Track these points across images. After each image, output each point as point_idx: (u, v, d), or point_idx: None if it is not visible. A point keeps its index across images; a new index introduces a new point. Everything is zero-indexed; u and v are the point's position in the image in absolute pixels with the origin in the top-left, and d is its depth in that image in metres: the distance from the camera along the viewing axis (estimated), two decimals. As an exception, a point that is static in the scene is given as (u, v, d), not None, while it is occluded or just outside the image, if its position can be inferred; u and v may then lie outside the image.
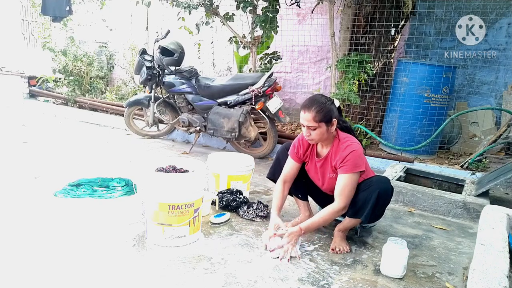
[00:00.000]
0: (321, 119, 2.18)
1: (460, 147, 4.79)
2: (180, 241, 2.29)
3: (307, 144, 2.42)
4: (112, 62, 7.96)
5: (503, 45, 4.84)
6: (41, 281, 1.91)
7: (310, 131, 2.22)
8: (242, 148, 4.60)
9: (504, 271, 1.59)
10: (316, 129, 2.20)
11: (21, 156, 4.07)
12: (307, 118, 2.19)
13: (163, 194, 2.22)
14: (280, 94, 5.81)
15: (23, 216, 2.61)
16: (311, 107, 2.19)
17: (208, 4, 4.93)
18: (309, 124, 2.20)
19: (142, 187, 2.34)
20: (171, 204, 2.21)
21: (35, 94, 7.57)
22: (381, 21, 4.67)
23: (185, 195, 2.24)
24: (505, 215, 2.16)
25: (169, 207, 2.21)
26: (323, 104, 2.20)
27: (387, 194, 2.28)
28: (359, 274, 2.13)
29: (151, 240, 2.31)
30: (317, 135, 2.23)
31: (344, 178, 2.21)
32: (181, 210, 2.23)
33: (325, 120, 2.19)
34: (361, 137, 4.82)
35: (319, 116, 2.17)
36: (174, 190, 2.22)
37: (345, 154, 2.21)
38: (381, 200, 2.24)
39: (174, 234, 2.26)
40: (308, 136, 2.26)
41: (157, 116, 4.95)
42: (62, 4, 6.81)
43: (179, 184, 2.23)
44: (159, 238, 2.28)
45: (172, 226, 2.25)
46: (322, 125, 2.19)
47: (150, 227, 2.30)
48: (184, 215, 2.25)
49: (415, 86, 4.41)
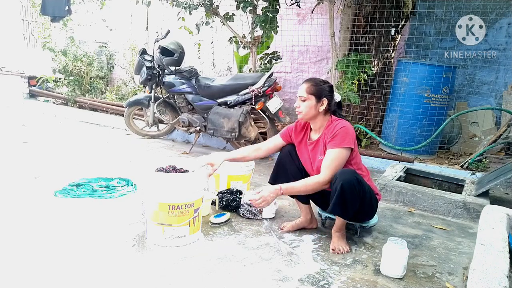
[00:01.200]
0: (312, 92, 2.34)
1: (460, 147, 4.79)
2: (180, 241, 2.29)
3: (301, 126, 2.54)
4: (112, 62, 7.96)
5: (503, 45, 4.84)
6: (42, 281, 1.91)
7: (300, 102, 2.38)
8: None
9: (504, 271, 1.59)
10: (305, 100, 2.35)
11: (21, 156, 4.07)
12: (302, 88, 2.39)
13: (163, 194, 2.22)
14: (280, 94, 5.80)
15: (23, 216, 2.61)
16: (309, 80, 2.41)
17: (208, 4, 4.93)
18: (301, 94, 2.37)
19: (142, 187, 2.35)
20: (171, 204, 2.21)
21: (35, 94, 7.57)
22: (381, 21, 4.67)
23: (185, 195, 2.24)
24: (505, 215, 2.16)
25: (169, 207, 2.21)
26: (320, 82, 2.40)
27: (351, 185, 2.20)
28: (359, 274, 2.13)
29: (151, 240, 2.31)
30: (305, 107, 2.36)
31: (332, 152, 2.27)
32: (181, 210, 2.23)
33: (316, 95, 2.34)
34: (361, 137, 4.82)
35: (311, 90, 2.35)
36: (174, 190, 2.22)
37: (335, 130, 2.30)
38: (347, 192, 2.19)
39: (174, 234, 2.26)
40: (298, 108, 2.40)
41: (157, 116, 4.95)
42: (62, 4, 6.81)
43: (179, 184, 2.23)
44: (159, 238, 2.28)
45: (172, 226, 2.25)
46: (311, 97, 2.34)
47: (150, 227, 2.30)
48: (184, 215, 2.25)
49: (415, 86, 4.40)
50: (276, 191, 2.28)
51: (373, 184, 2.49)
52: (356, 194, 2.23)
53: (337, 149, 2.26)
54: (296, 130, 2.55)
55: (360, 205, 2.29)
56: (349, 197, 2.21)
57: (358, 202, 2.27)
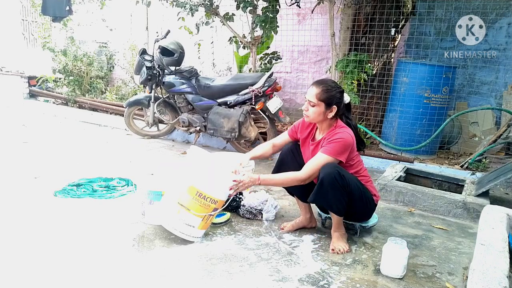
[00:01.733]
0: (323, 99, 2.26)
1: (460, 147, 4.78)
2: (188, 230, 2.30)
3: (307, 125, 2.50)
4: (112, 62, 7.96)
5: (503, 45, 4.84)
6: (42, 281, 1.91)
7: (309, 106, 2.30)
8: (242, 148, 4.59)
9: (504, 271, 1.59)
10: (314, 106, 2.28)
11: (21, 156, 4.07)
12: (312, 92, 2.28)
13: (199, 179, 2.27)
14: (280, 94, 5.80)
15: (23, 216, 2.62)
16: (320, 84, 2.29)
17: (208, 4, 4.93)
18: (311, 98, 2.28)
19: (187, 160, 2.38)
20: (200, 192, 2.25)
21: (35, 94, 7.57)
22: (381, 21, 4.66)
23: (217, 190, 2.29)
24: (505, 215, 2.16)
25: (196, 193, 2.25)
26: (332, 88, 2.29)
27: (331, 177, 2.20)
28: (359, 274, 2.13)
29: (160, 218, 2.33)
30: (313, 113, 2.30)
31: (321, 156, 2.26)
32: (205, 202, 2.27)
33: (326, 102, 2.26)
34: (361, 137, 4.81)
35: (323, 96, 2.25)
36: (211, 181, 2.26)
37: (333, 138, 2.27)
38: (326, 183, 2.20)
39: (187, 219, 2.27)
40: (306, 111, 2.33)
41: (157, 116, 4.95)
42: (62, 4, 6.81)
43: (218, 177, 2.28)
44: (171, 217, 2.28)
45: (190, 211, 2.26)
46: (321, 104, 2.26)
47: (165, 204, 2.32)
48: (204, 207, 2.28)
49: (415, 86, 4.40)
50: (254, 180, 2.30)
51: (372, 186, 2.49)
52: (339, 187, 2.21)
53: (326, 155, 2.24)
54: (303, 126, 2.52)
55: (349, 201, 2.28)
56: (330, 188, 2.22)
57: (344, 196, 2.25)
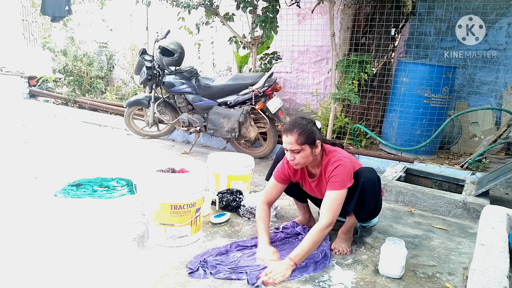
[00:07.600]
0: (304, 141, 2.11)
1: (460, 147, 4.79)
2: (182, 241, 2.29)
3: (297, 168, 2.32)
4: (112, 62, 7.96)
5: (503, 45, 4.84)
6: (42, 281, 1.91)
7: (294, 154, 2.15)
8: (242, 148, 4.60)
9: (504, 271, 1.59)
10: (300, 152, 2.13)
11: (21, 156, 4.07)
12: (290, 141, 2.12)
13: (165, 194, 2.22)
14: (280, 94, 5.80)
15: (23, 216, 2.61)
16: (292, 130, 2.13)
17: (208, 4, 4.93)
18: (292, 147, 2.12)
19: (143, 187, 2.34)
20: (173, 204, 2.22)
21: (35, 94, 7.57)
22: (381, 21, 4.66)
23: (187, 195, 2.25)
24: (505, 215, 2.16)
25: (171, 207, 2.22)
26: (305, 126, 2.14)
27: (372, 183, 2.20)
28: (359, 274, 2.13)
29: (152, 240, 2.31)
30: (301, 158, 2.15)
31: (332, 194, 2.13)
32: (183, 210, 2.24)
33: (308, 142, 2.12)
34: (361, 137, 4.82)
35: (302, 138, 2.11)
36: (176, 190, 2.23)
37: (333, 169, 2.16)
38: (367, 191, 2.19)
39: (176, 234, 2.27)
40: (292, 160, 2.18)
41: (157, 116, 4.95)
42: (62, 4, 6.82)
43: (181, 184, 2.24)
44: (161, 238, 2.28)
45: (174, 226, 2.25)
46: (305, 147, 2.13)
47: (151, 227, 2.30)
48: (186, 215, 2.26)
49: (415, 86, 4.40)
50: (289, 266, 2.03)
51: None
52: (375, 194, 2.24)
53: (338, 191, 2.13)
54: (294, 170, 2.34)
55: (374, 206, 2.31)
56: (368, 196, 2.21)
57: (374, 202, 2.28)
